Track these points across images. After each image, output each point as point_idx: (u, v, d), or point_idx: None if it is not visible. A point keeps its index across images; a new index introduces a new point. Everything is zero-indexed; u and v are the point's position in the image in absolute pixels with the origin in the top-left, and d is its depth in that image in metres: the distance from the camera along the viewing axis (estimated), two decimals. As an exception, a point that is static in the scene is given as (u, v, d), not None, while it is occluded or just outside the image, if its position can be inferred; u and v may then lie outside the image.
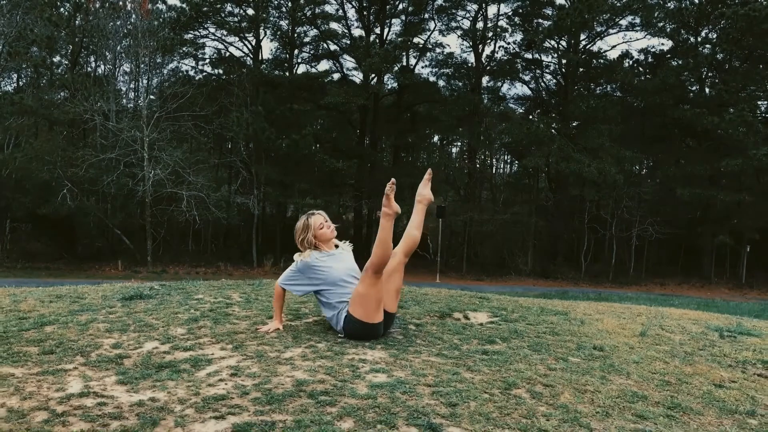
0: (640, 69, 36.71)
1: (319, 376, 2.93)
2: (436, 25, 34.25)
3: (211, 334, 3.57)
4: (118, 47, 31.83)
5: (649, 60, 36.24)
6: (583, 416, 2.66)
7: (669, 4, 33.86)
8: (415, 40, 33.73)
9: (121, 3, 33.26)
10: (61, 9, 31.77)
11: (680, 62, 34.03)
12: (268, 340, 3.51)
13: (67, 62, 33.60)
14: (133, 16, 31.83)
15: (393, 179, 3.72)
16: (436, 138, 43.99)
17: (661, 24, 33.82)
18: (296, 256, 3.80)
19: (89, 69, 34.22)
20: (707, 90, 34.28)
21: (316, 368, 3.05)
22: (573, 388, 3.01)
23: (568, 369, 3.32)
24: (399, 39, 32.53)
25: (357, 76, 35.00)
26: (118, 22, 31.86)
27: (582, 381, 3.12)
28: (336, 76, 35.35)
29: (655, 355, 3.83)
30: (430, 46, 34.61)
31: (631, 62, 36.32)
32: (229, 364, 3.06)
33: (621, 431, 2.55)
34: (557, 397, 2.87)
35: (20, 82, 34.84)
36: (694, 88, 35.14)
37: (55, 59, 33.93)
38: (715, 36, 33.58)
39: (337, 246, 3.95)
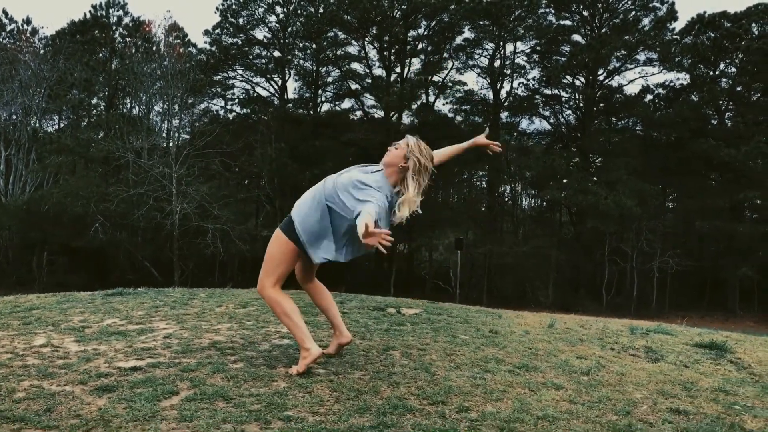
0: (661, 103, 37.10)
1: (235, 338, 3.66)
2: (453, 64, 35.32)
3: (162, 315, 4.33)
4: (152, 90, 33.69)
5: (670, 94, 36.63)
6: (434, 367, 3.33)
7: (686, 39, 34.42)
8: (435, 78, 34.86)
9: (155, 48, 35.31)
10: (99, 54, 33.82)
11: (700, 96, 34.42)
12: (196, 314, 4.26)
13: (104, 103, 35.62)
14: (167, 59, 33.74)
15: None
16: (456, 170, 44.59)
17: (678, 59, 34.30)
18: None
19: (125, 110, 36.16)
20: (728, 123, 34.52)
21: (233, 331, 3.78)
22: (443, 353, 3.66)
23: (452, 342, 3.98)
24: (416, 77, 33.66)
25: (378, 114, 36.18)
26: (153, 65, 33.78)
27: (455, 350, 3.77)
28: (358, 113, 36.64)
29: (545, 338, 4.44)
30: (450, 84, 35.65)
31: (651, 96, 36.80)
32: (167, 332, 3.81)
33: (464, 377, 3.21)
34: (423, 357, 3.54)
35: (61, 124, 36.98)
36: (713, 120, 35.37)
37: (93, 101, 36.02)
38: (733, 69, 33.94)
39: None
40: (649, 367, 3.88)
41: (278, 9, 34.25)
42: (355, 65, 35.35)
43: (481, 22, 34.23)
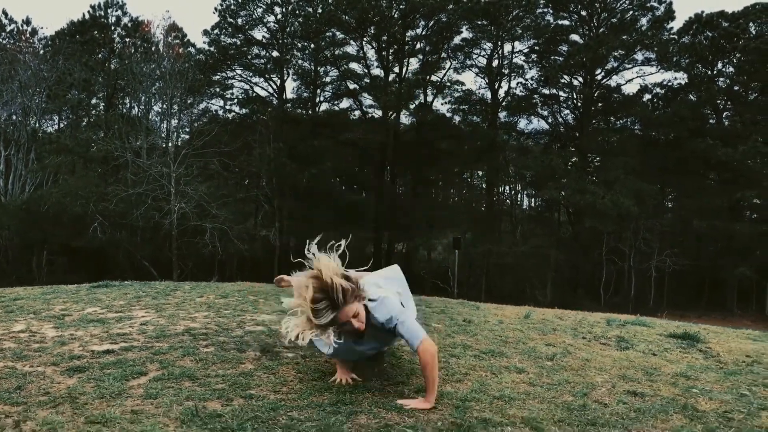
0: (659, 102, 37.13)
1: (210, 325, 3.76)
2: (452, 64, 35.41)
3: (143, 305, 4.43)
4: (152, 89, 33.81)
5: (668, 94, 36.65)
6: (401, 351, 3.42)
7: (684, 39, 34.47)
8: (433, 78, 34.96)
9: (154, 48, 35.44)
10: (99, 54, 33.94)
11: (698, 95, 34.47)
12: (176, 304, 4.36)
13: (103, 103, 35.76)
14: (166, 59, 33.86)
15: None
16: (455, 170, 44.76)
17: (676, 58, 34.34)
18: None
19: (124, 110, 36.28)
20: (725, 122, 34.57)
21: (209, 319, 3.88)
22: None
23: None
24: (413, 77, 33.77)
25: (377, 113, 36.28)
26: (152, 65, 33.91)
27: (426, 336, 3.86)
28: (357, 113, 36.74)
29: (518, 327, 4.53)
30: (448, 84, 35.73)
31: (649, 96, 36.84)
32: (145, 319, 3.91)
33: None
34: (392, 342, 3.63)
35: (60, 124, 37.10)
36: (711, 120, 35.42)
37: (92, 101, 36.15)
38: (731, 69, 34.00)
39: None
40: (616, 354, 3.97)
41: (277, 9, 34.40)
42: (354, 65, 35.50)
43: (479, 22, 34.30)
